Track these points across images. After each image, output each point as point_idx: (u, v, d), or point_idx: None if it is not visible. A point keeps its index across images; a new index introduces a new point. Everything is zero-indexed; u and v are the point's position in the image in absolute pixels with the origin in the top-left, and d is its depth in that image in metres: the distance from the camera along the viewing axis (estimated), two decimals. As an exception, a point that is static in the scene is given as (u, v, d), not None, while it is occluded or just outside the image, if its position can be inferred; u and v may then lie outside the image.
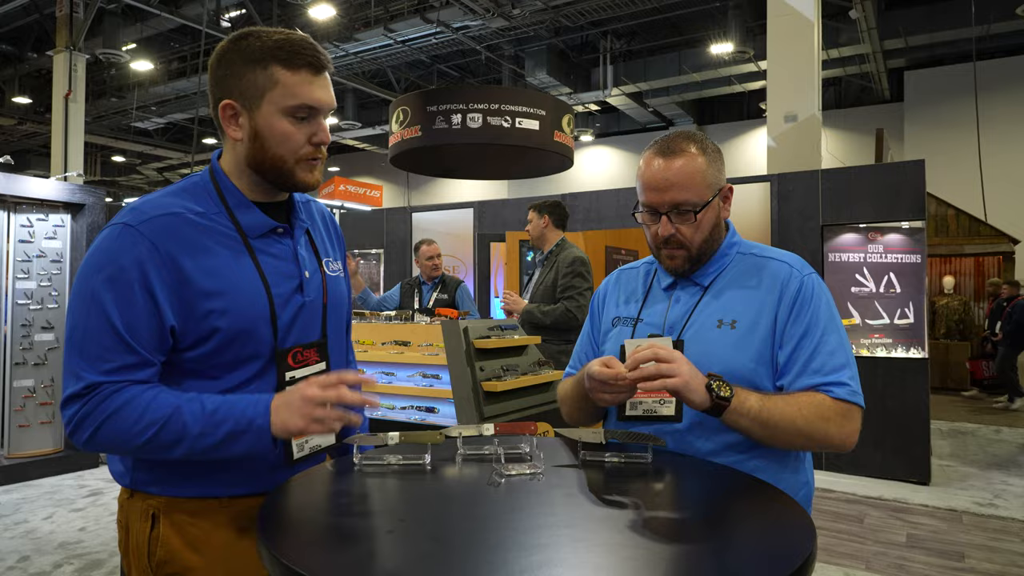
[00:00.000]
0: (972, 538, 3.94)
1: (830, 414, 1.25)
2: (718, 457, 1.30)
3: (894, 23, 11.12)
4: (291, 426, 1.11)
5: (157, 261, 1.12)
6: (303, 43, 1.18)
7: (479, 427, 1.38)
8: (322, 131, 1.21)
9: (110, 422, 1.10)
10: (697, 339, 1.35)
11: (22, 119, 15.19)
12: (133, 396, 1.11)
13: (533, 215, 4.05)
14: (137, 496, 1.22)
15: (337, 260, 1.40)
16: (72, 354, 1.13)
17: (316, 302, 1.29)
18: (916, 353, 5.18)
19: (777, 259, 1.41)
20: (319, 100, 1.19)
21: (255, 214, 1.23)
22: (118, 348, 1.11)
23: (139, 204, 1.19)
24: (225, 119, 1.20)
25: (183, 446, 1.11)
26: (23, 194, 5.08)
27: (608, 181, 15.85)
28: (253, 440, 1.12)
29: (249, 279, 1.19)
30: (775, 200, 5.62)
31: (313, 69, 1.18)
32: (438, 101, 6.41)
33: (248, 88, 1.17)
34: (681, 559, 0.90)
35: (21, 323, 5.11)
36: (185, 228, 1.16)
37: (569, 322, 3.76)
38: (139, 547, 1.21)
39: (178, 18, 10.87)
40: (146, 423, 1.09)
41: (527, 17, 10.82)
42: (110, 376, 1.11)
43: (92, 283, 1.12)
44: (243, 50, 1.17)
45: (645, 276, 1.53)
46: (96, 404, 1.10)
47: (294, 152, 1.19)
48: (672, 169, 1.34)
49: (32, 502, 4.48)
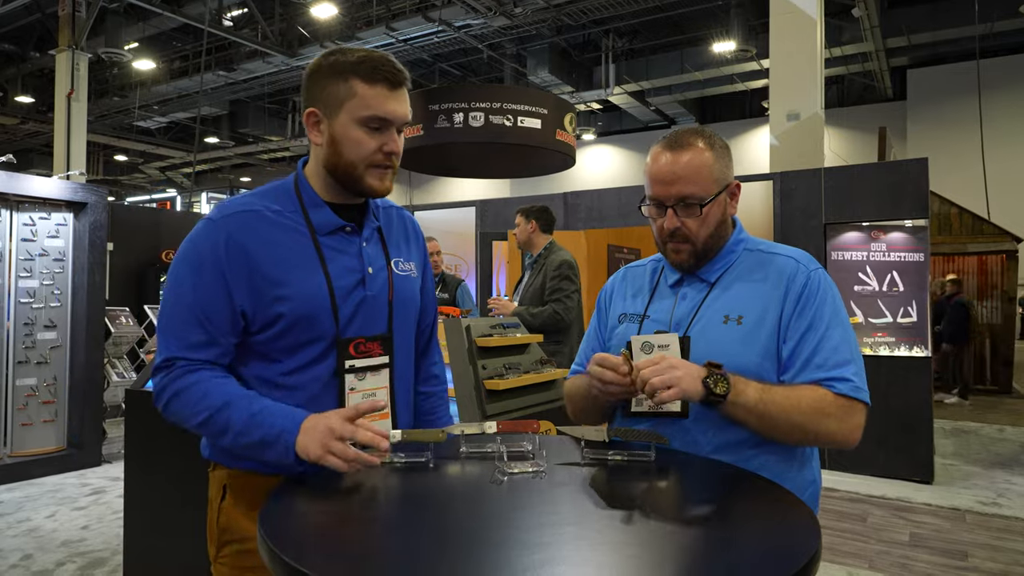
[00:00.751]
0: (975, 537, 3.93)
1: (831, 409, 1.24)
2: (724, 453, 1.30)
3: (897, 21, 11.10)
4: (310, 452, 1.17)
5: (231, 251, 1.25)
6: (382, 60, 1.28)
7: (481, 425, 1.38)
8: (393, 142, 1.30)
9: (177, 399, 1.24)
10: (703, 335, 1.34)
11: (25, 118, 15.23)
12: (199, 380, 1.24)
13: (520, 219, 4.11)
14: (217, 468, 1.35)
15: (410, 261, 1.46)
16: (161, 332, 1.28)
17: (380, 297, 1.36)
18: (919, 352, 5.17)
19: (784, 254, 1.40)
20: (392, 112, 1.28)
21: (325, 213, 1.33)
22: (192, 327, 1.24)
23: (225, 202, 1.33)
24: (309, 125, 1.32)
25: (228, 438, 1.22)
26: (26, 193, 5.09)
27: (610, 180, 15.85)
28: (280, 452, 1.19)
29: (312, 270, 1.28)
30: (777, 198, 5.61)
31: (389, 84, 1.28)
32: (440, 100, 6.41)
33: (329, 98, 1.28)
34: (685, 557, 0.89)
35: (24, 321, 5.12)
36: (259, 223, 1.28)
37: (557, 324, 3.83)
38: (211, 515, 1.34)
39: (180, 17, 10.88)
40: (201, 408, 1.22)
41: (529, 16, 10.81)
42: (184, 352, 1.24)
43: (178, 269, 1.27)
44: (331, 64, 1.28)
45: (652, 273, 1.53)
46: (172, 379, 1.24)
47: (364, 159, 1.29)
48: (679, 163, 1.35)
49: (35, 500, 4.48)
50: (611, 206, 6.63)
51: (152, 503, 2.86)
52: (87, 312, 5.34)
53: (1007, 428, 7.07)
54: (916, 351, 5.19)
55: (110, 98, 15.19)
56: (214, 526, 1.33)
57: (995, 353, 9.90)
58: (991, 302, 10.10)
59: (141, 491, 2.91)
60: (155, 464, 2.85)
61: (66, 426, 5.31)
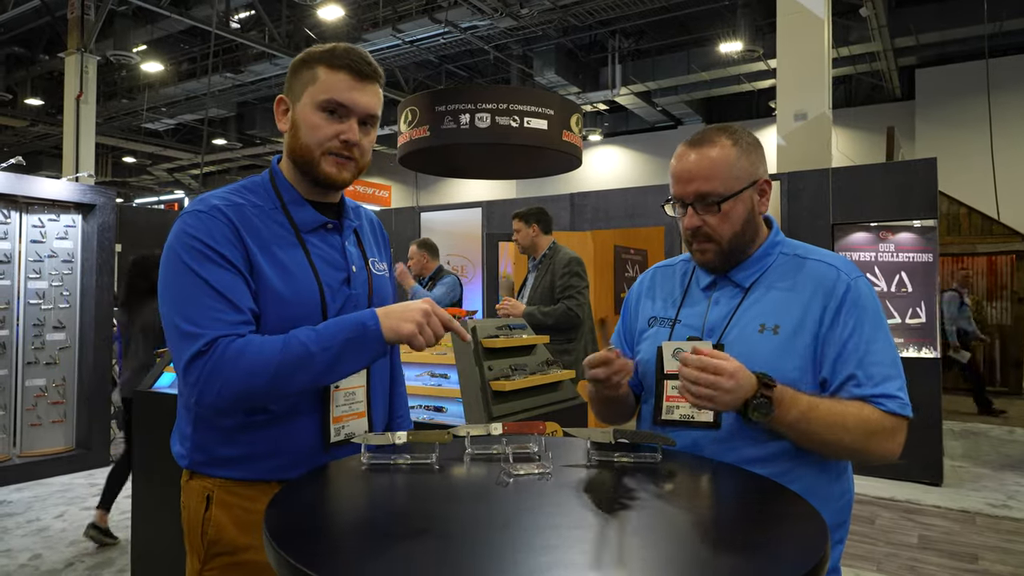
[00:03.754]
0: (985, 539, 3.90)
1: (878, 429, 1.21)
2: (757, 465, 1.25)
3: (905, 20, 11.03)
4: (403, 330, 1.19)
5: (232, 238, 1.22)
6: (350, 50, 1.28)
7: (487, 426, 1.37)
8: (351, 131, 1.28)
9: (237, 368, 1.14)
10: (738, 344, 1.30)
11: (34, 121, 15.31)
12: (248, 341, 1.16)
13: (520, 224, 4.09)
14: (195, 478, 1.31)
15: (383, 261, 1.48)
16: (182, 323, 1.16)
17: (361, 296, 1.36)
18: (928, 353, 5.14)
19: (824, 261, 1.35)
20: (352, 101, 1.27)
21: (307, 210, 1.32)
22: (223, 306, 1.17)
23: (205, 196, 1.27)
24: (278, 112, 1.33)
25: (308, 370, 1.16)
26: (35, 195, 5.12)
27: (616, 180, 15.82)
28: (372, 344, 1.19)
29: (301, 268, 1.27)
30: (785, 199, 5.59)
31: (353, 72, 1.27)
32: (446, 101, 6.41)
33: (296, 84, 1.30)
34: (691, 560, 0.89)
35: (33, 323, 5.15)
36: (247, 217, 1.26)
37: (570, 321, 3.82)
38: (194, 526, 1.29)
39: (188, 20, 10.91)
40: (267, 357, 1.14)
41: (535, 17, 10.80)
42: (224, 329, 1.16)
43: (183, 260, 1.19)
44: (304, 55, 1.31)
45: (683, 276, 1.48)
46: (220, 357, 1.14)
47: (320, 144, 1.27)
48: (696, 159, 1.33)
49: (44, 500, 4.51)
50: (618, 207, 6.62)
51: (159, 503, 2.87)
52: (95, 313, 5.36)
53: (1017, 430, 7.02)
54: (925, 352, 5.15)
55: (118, 100, 15.26)
56: (198, 538, 1.28)
57: (1005, 354, 9.83)
58: (1001, 303, 10.04)
59: (148, 491, 2.92)
60: (162, 464, 2.86)
61: (75, 426, 5.33)
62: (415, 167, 7.58)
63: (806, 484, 1.23)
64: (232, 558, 1.26)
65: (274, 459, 1.26)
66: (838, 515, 1.30)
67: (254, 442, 1.25)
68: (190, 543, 1.31)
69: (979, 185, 9.78)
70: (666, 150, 15.18)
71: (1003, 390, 9.59)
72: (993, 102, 9.50)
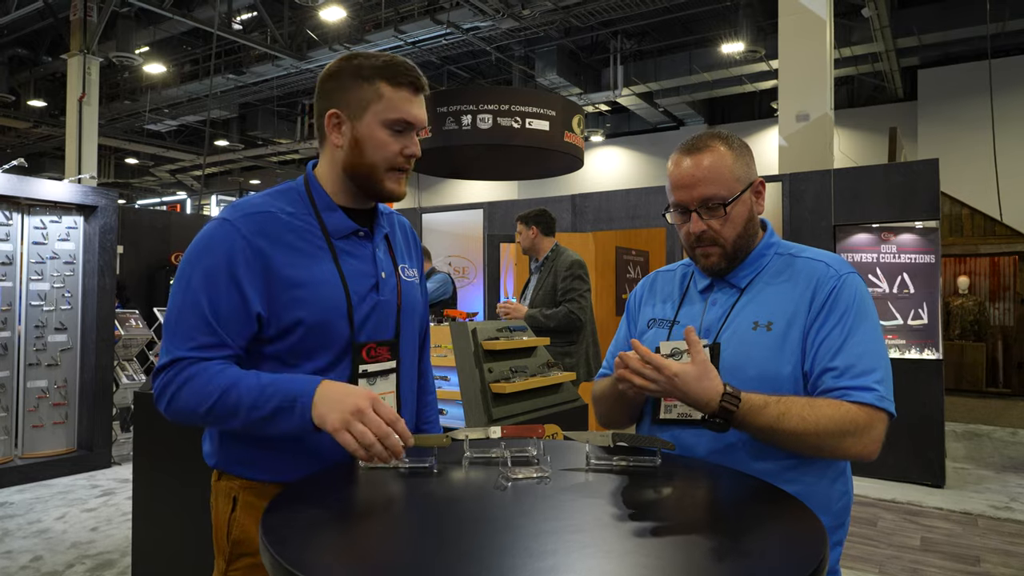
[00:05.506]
0: (988, 542, 3.89)
1: (850, 427, 1.19)
2: (770, 474, 1.25)
3: (907, 21, 11.01)
4: (328, 421, 1.13)
5: (248, 254, 1.23)
6: (406, 65, 1.30)
7: (486, 430, 1.38)
8: (413, 144, 1.32)
9: (182, 391, 1.20)
10: (733, 342, 1.32)
11: (37, 122, 15.35)
12: (204, 369, 1.20)
13: (522, 227, 4.11)
14: (223, 478, 1.33)
15: (413, 268, 1.49)
16: (167, 333, 1.24)
17: (391, 302, 1.37)
18: (930, 354, 5.13)
19: (815, 258, 1.37)
20: (415, 116, 1.30)
21: (339, 216, 1.33)
22: (202, 328, 1.21)
23: (238, 202, 1.31)
24: (330, 127, 1.31)
25: (239, 417, 1.19)
26: (37, 196, 5.13)
27: (618, 181, 15.81)
28: (297, 419, 1.16)
29: (329, 274, 1.28)
30: (787, 200, 5.58)
31: (413, 89, 1.30)
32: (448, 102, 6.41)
33: (354, 100, 1.29)
34: (690, 565, 0.88)
35: (35, 324, 5.16)
36: (276, 225, 1.27)
37: (572, 323, 3.82)
38: (220, 527, 1.31)
39: (190, 21, 10.93)
40: (207, 393, 1.18)
41: (537, 18, 10.80)
42: (191, 352, 1.21)
43: (189, 270, 1.24)
44: (354, 67, 1.29)
45: (682, 279, 1.51)
46: (175, 375, 1.21)
47: (387, 161, 1.30)
48: (698, 165, 1.34)
49: (45, 502, 4.51)
50: (619, 208, 6.62)
51: (161, 505, 2.87)
52: (97, 315, 5.37)
53: (1020, 431, 7.00)
54: (927, 353, 5.14)
55: (121, 102, 15.29)
56: (224, 539, 1.30)
57: (1008, 355, 9.81)
58: (1003, 304, 10.02)
59: (150, 493, 2.92)
60: (163, 466, 2.86)
61: (76, 428, 5.34)
62: (417, 168, 7.59)
63: (805, 486, 1.23)
64: (255, 559, 1.26)
65: (298, 461, 1.26)
66: (837, 517, 1.31)
67: (279, 445, 1.26)
68: (217, 543, 1.33)
69: (981, 186, 9.76)
70: (668, 151, 15.09)
71: (1006, 391, 9.57)
72: (996, 102, 9.48)
